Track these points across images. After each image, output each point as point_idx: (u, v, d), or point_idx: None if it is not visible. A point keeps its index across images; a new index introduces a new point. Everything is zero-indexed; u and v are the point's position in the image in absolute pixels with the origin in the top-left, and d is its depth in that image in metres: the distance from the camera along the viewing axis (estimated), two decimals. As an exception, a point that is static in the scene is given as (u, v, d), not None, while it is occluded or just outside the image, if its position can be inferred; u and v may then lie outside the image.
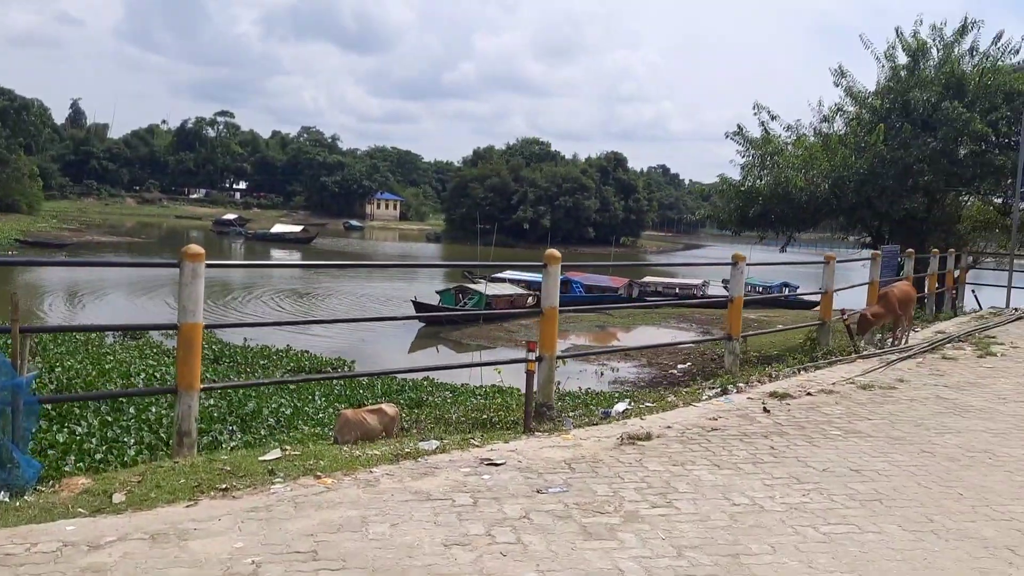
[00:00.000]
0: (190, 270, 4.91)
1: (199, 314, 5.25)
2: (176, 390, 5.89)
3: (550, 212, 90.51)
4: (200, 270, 4.99)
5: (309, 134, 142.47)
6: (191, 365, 5.61)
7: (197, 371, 5.68)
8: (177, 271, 4.87)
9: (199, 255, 4.99)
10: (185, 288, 5.01)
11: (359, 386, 16.83)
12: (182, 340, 5.56)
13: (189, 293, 5.00)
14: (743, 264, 8.73)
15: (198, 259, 4.95)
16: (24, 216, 78.90)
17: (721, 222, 19.05)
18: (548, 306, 7.35)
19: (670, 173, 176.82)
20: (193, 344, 5.47)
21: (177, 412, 5.95)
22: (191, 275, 4.94)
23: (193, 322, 5.21)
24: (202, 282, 5.08)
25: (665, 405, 7.79)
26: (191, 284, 4.97)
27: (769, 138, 17.93)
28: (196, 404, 5.86)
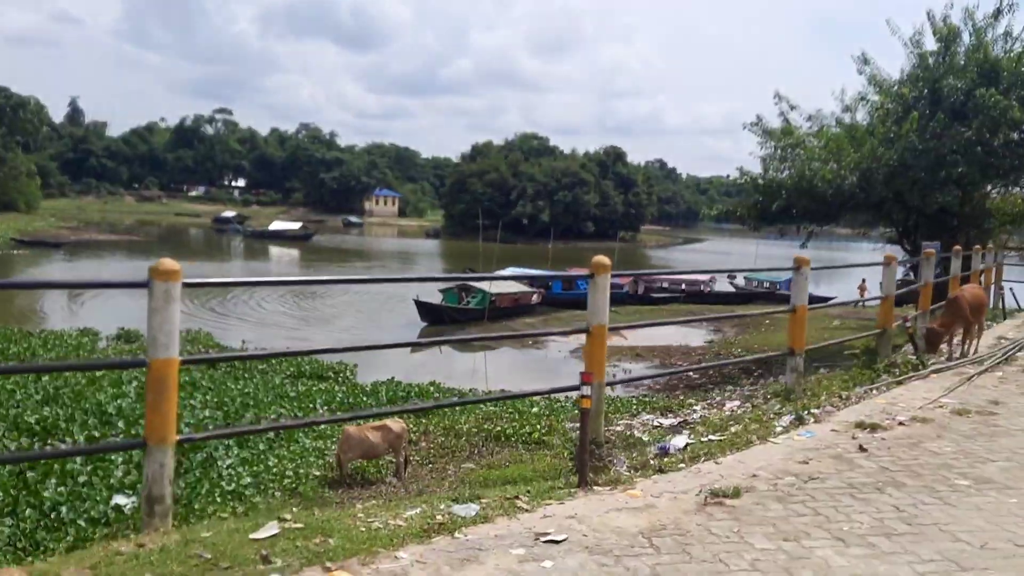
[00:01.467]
0: (162, 292, 3.83)
1: (174, 347, 4.05)
2: (144, 444, 4.46)
3: (549, 207, 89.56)
4: (175, 291, 3.89)
5: (307, 131, 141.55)
6: (164, 412, 4.28)
7: (172, 420, 4.37)
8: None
9: (173, 272, 3.87)
10: (156, 315, 3.87)
11: (362, 392, 16.04)
12: (152, 381, 4.25)
13: (161, 321, 3.88)
14: (807, 269, 7.55)
15: (172, 278, 3.85)
16: (22, 215, 78.04)
17: (739, 218, 18.22)
18: (596, 324, 6.01)
19: (667, 167, 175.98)
20: (167, 386, 4.19)
21: (146, 473, 4.44)
22: (164, 298, 3.82)
23: (166, 357, 4.03)
24: (178, 307, 3.95)
25: (735, 440, 6.60)
26: (164, 309, 3.84)
27: (790, 129, 17.07)
28: (171, 462, 4.50)
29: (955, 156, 15.06)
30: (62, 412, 12.70)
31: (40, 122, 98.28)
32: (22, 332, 21.30)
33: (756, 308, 31.40)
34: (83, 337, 21.56)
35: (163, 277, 3.88)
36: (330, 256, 64.01)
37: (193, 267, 48.49)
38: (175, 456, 11.23)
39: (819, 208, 16.65)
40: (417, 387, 16.81)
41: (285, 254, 65.76)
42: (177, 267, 3.93)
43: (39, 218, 78.59)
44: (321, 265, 55.44)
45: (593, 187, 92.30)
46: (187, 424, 12.15)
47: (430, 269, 60.89)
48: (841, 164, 15.32)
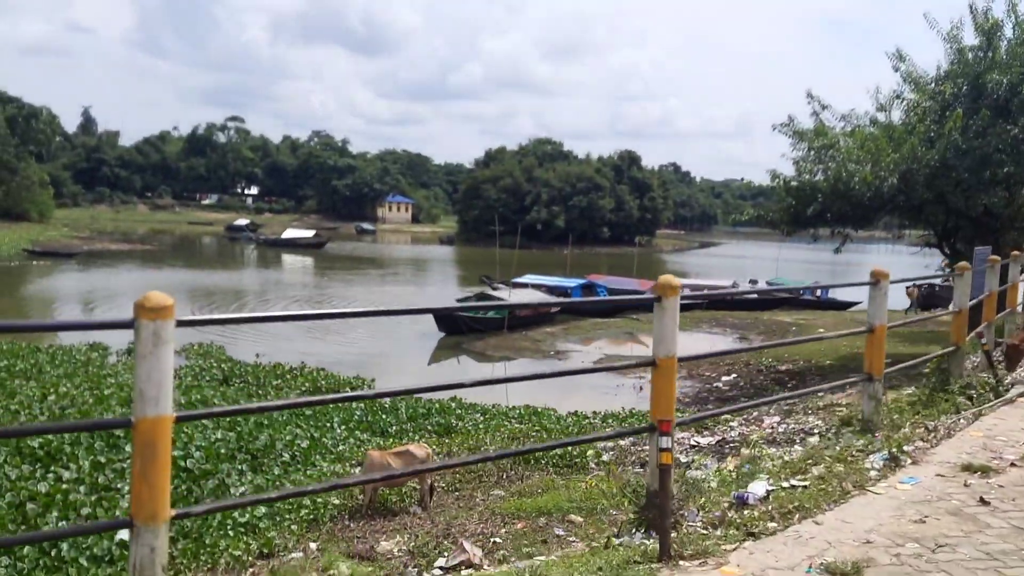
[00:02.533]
0: (151, 333, 3.01)
1: (167, 401, 3.13)
2: (131, 523, 3.39)
3: (564, 212, 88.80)
4: (167, 332, 3.06)
5: (320, 138, 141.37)
6: (155, 483, 3.28)
7: (165, 492, 3.35)
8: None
9: (163, 309, 3.04)
10: (144, 362, 3.05)
11: (381, 409, 15.39)
12: (140, 445, 3.25)
13: (150, 369, 3.05)
14: (886, 283, 6.62)
15: (163, 315, 3.02)
16: (35, 225, 77.99)
17: (771, 222, 17.47)
18: (664, 355, 4.82)
19: (681, 170, 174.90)
20: (158, 450, 3.22)
21: (133, 557, 3.37)
22: (153, 341, 3.01)
23: (156, 415, 3.11)
24: (171, 351, 3.12)
25: (825, 488, 5.55)
26: (153, 355, 3.02)
27: (823, 129, 16.32)
28: (164, 544, 3.46)
29: (1000, 155, 14.29)
30: (67, 435, 12.12)
31: (53, 132, 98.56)
32: (30, 347, 20.77)
33: (786, 314, 30.62)
34: (92, 352, 21.03)
35: (152, 315, 3.02)
36: (344, 264, 63.50)
37: (205, 276, 48.03)
38: (188, 484, 10.59)
39: (855, 211, 15.88)
40: (438, 404, 16.14)
41: (298, 262, 65.33)
42: (168, 302, 3.08)
43: (52, 228, 78.51)
44: (335, 273, 54.94)
45: (608, 192, 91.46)
46: (198, 448, 11.54)
47: (445, 276, 60.31)
48: (880, 165, 14.55)
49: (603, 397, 17.74)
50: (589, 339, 27.35)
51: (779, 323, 27.79)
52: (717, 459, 10.58)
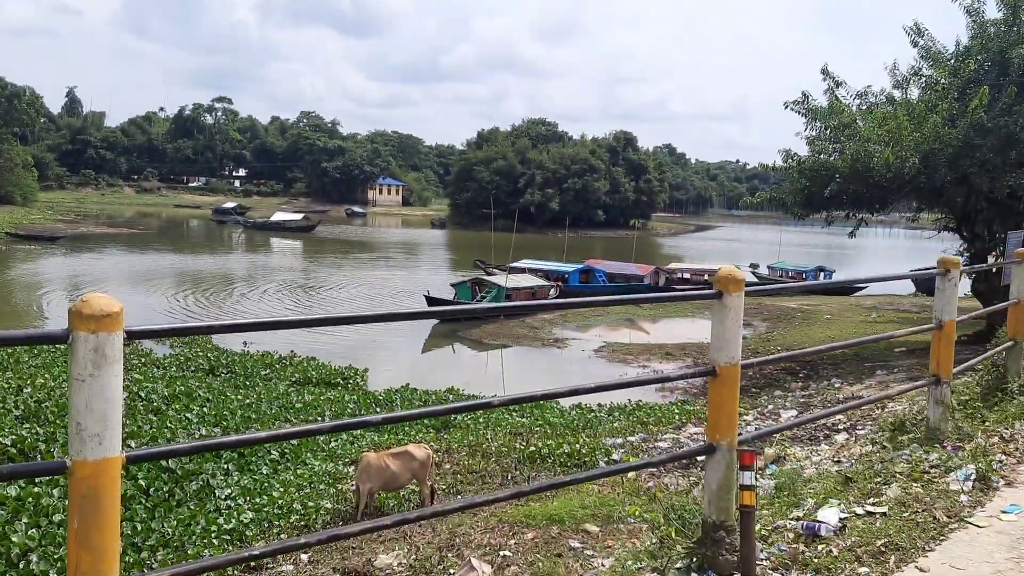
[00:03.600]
0: (90, 349, 2.19)
1: (114, 439, 2.28)
2: None
3: (558, 195, 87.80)
4: (114, 348, 2.22)
5: (309, 119, 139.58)
6: (99, 546, 2.31)
7: (114, 559, 2.34)
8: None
9: (108, 318, 2.21)
10: (83, 387, 2.19)
11: (375, 402, 14.65)
12: (78, 497, 2.32)
13: (90, 398, 2.19)
14: (956, 272, 5.63)
15: (107, 325, 2.19)
16: (18, 208, 76.63)
17: (784, 204, 16.72)
18: (727, 362, 3.90)
19: (676, 152, 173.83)
20: (101, 503, 2.30)
21: None
22: (94, 360, 2.19)
23: (100, 457, 2.24)
24: (118, 371, 2.26)
25: (914, 519, 4.54)
26: (95, 378, 2.19)
27: (840, 107, 15.54)
28: None
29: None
30: (42, 431, 11.35)
31: (37, 113, 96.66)
32: (8, 335, 19.91)
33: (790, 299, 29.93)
34: (68, 342, 20.18)
35: (92, 325, 2.19)
36: (334, 248, 62.54)
37: (192, 260, 47.05)
38: (170, 485, 9.81)
39: (873, 193, 15.14)
40: (434, 394, 15.42)
41: (287, 246, 64.33)
42: (114, 307, 2.26)
43: (36, 211, 77.20)
44: (324, 257, 54.02)
45: (603, 174, 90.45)
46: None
47: (437, 260, 59.46)
48: (901, 145, 13.80)
49: (608, 388, 17.01)
50: (587, 326, 26.63)
51: (784, 309, 27.15)
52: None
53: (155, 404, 13.52)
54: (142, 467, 9.83)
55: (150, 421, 12.46)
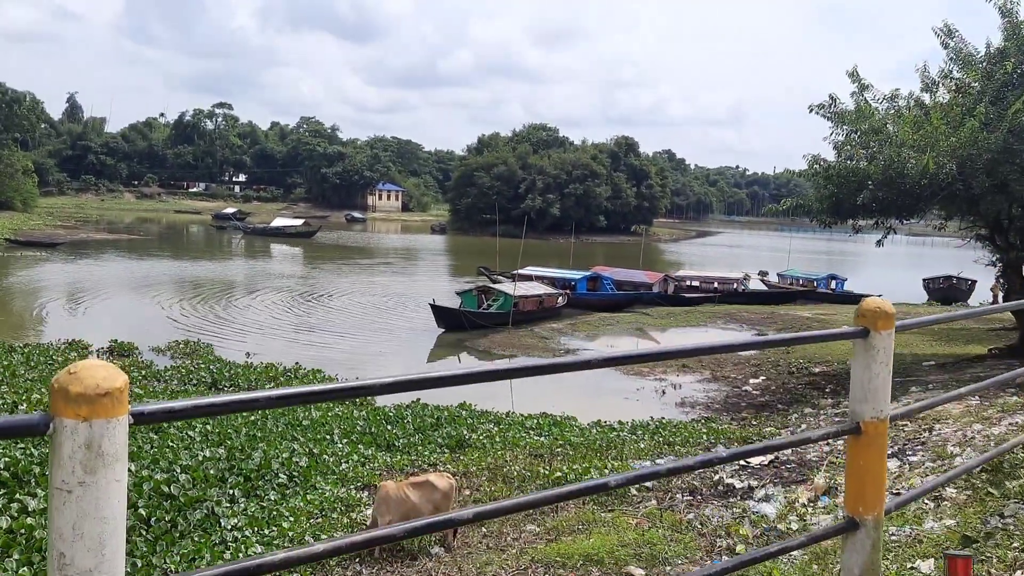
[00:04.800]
0: (81, 442, 1.52)
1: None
2: None
3: (559, 200, 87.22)
4: (116, 440, 1.55)
5: (309, 125, 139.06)
6: None
7: None
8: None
9: (109, 397, 1.53)
10: (67, 504, 1.51)
11: (386, 419, 14.03)
12: None
13: (80, 517, 1.51)
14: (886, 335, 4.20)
15: (107, 410, 1.52)
16: (18, 213, 75.99)
17: (811, 212, 16.13)
18: (874, 417, 3.15)
19: (676, 158, 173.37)
20: None
21: None
22: (86, 462, 1.52)
23: None
24: (122, 474, 1.61)
25: None
26: (89, 488, 1.51)
27: (869, 111, 14.95)
28: None
29: (1068, 139, 13.01)
30: (36, 453, 10.73)
31: (37, 118, 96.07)
32: (5, 347, 19.31)
33: (803, 308, 29.28)
34: (71, 352, 19.57)
35: (84, 411, 1.53)
36: (334, 254, 61.92)
37: (192, 266, 46.43)
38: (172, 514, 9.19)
39: (904, 200, 14.55)
40: (447, 411, 14.79)
41: (287, 252, 63.70)
42: (116, 383, 1.63)
43: (36, 217, 76.60)
44: (324, 263, 53.39)
45: (605, 179, 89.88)
46: (183, 469, 10.17)
47: (439, 266, 58.85)
48: (938, 150, 13.21)
49: (624, 403, 16.40)
50: (597, 335, 26.02)
51: (797, 318, 26.54)
52: (781, 485, 9.27)
53: (156, 422, 12.90)
54: (142, 493, 9.23)
55: (151, 440, 11.85)
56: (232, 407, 2.00)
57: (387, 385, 2.11)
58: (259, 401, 1.90)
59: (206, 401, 1.80)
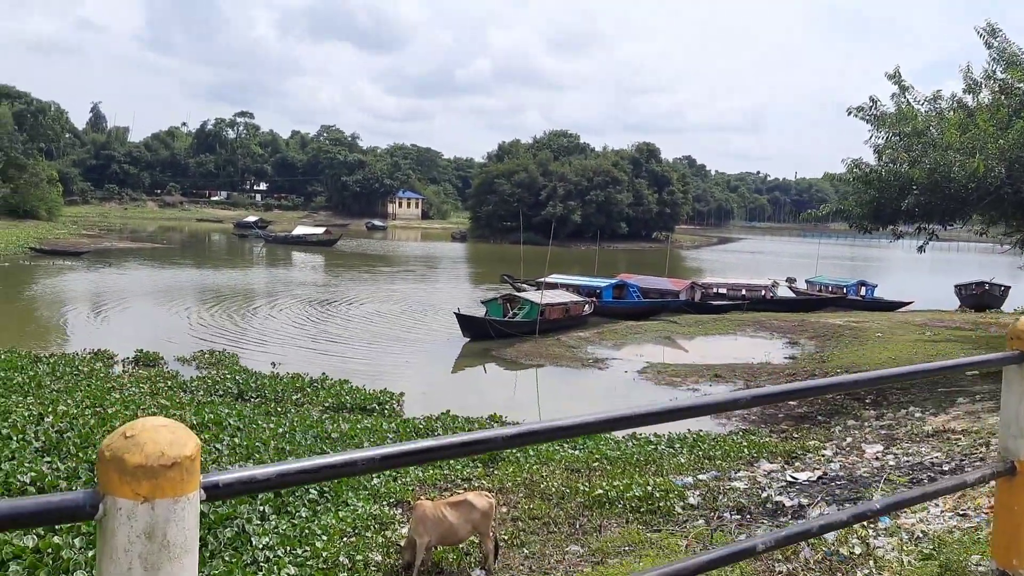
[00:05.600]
0: (141, 528, 1.16)
1: None
2: None
3: (581, 207, 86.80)
4: (185, 529, 1.31)
5: (329, 133, 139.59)
6: None
7: None
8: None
9: (177, 468, 1.20)
10: None
11: (415, 431, 13.71)
12: None
13: None
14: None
15: (174, 486, 1.21)
16: (43, 222, 76.61)
17: (850, 217, 15.68)
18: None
19: (696, 164, 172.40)
20: None
21: None
22: (146, 555, 1.16)
23: None
24: (193, 567, 1.37)
25: None
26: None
27: (911, 113, 14.50)
28: None
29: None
30: (63, 466, 10.51)
31: (62, 128, 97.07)
32: (31, 356, 19.19)
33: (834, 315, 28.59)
34: (96, 362, 19.42)
35: (145, 488, 1.18)
36: (354, 262, 61.82)
37: (214, 274, 46.47)
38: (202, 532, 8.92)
39: (948, 205, 14.08)
40: (476, 421, 14.46)
41: (308, 260, 63.68)
42: (187, 449, 1.32)
43: (60, 226, 77.14)
44: (345, 272, 53.30)
45: (626, 186, 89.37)
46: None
47: (460, 274, 58.60)
48: (986, 153, 12.75)
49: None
50: (624, 344, 25.60)
51: (829, 326, 25.97)
52: (834, 504, 8.86)
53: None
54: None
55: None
56: (325, 473, 1.67)
57: (512, 437, 1.77)
58: (357, 464, 1.58)
59: (295, 467, 1.49)
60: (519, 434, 1.77)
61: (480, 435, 1.72)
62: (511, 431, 1.76)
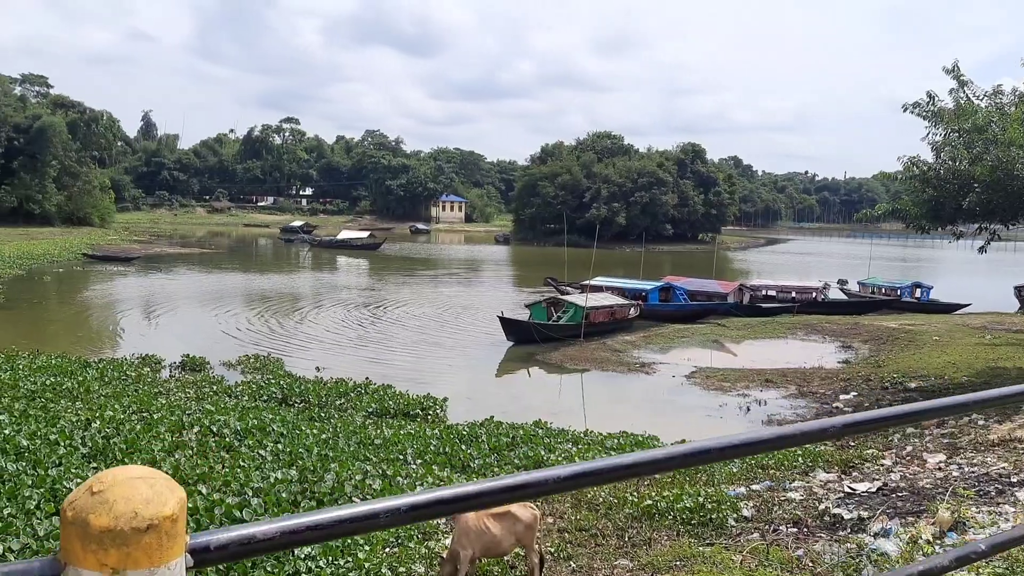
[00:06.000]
0: None
1: None
2: None
3: (625, 209, 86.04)
4: None
5: (373, 138, 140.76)
6: None
7: None
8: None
9: (152, 531, 0.90)
10: None
11: (459, 438, 13.50)
12: None
13: None
14: None
15: (152, 554, 0.94)
16: (96, 229, 78.33)
17: (908, 217, 15.11)
18: None
19: (743, 164, 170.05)
20: None
21: None
22: None
23: None
24: None
25: None
26: None
27: (972, 109, 13.91)
28: None
29: None
30: None
31: (114, 136, 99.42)
32: (80, 361, 19.45)
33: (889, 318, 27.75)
34: (144, 367, 19.61)
35: (112, 557, 0.92)
36: (398, 265, 62.07)
37: (261, 279, 46.94)
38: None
39: (1013, 203, 13.46)
40: (521, 428, 14.21)
41: (353, 264, 64.12)
42: (166, 508, 0.97)
43: (112, 232, 78.80)
44: (389, 275, 53.50)
45: (671, 187, 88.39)
46: (255, 493, 9.81)
47: (503, 277, 58.42)
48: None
49: (707, 420, 15.59)
50: (671, 348, 25.14)
51: (884, 329, 25.20)
52: (897, 518, 8.43)
53: (227, 440, 12.67)
54: (214, 519, 8.89)
55: (222, 459, 11.58)
56: (341, 529, 1.41)
57: (567, 479, 1.52)
58: (380, 517, 1.34)
59: (304, 522, 1.26)
60: (575, 475, 1.51)
61: (528, 477, 1.46)
62: (565, 471, 1.50)
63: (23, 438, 11.64)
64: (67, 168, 75.97)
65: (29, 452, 10.98)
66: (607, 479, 1.61)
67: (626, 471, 1.66)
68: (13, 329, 27.55)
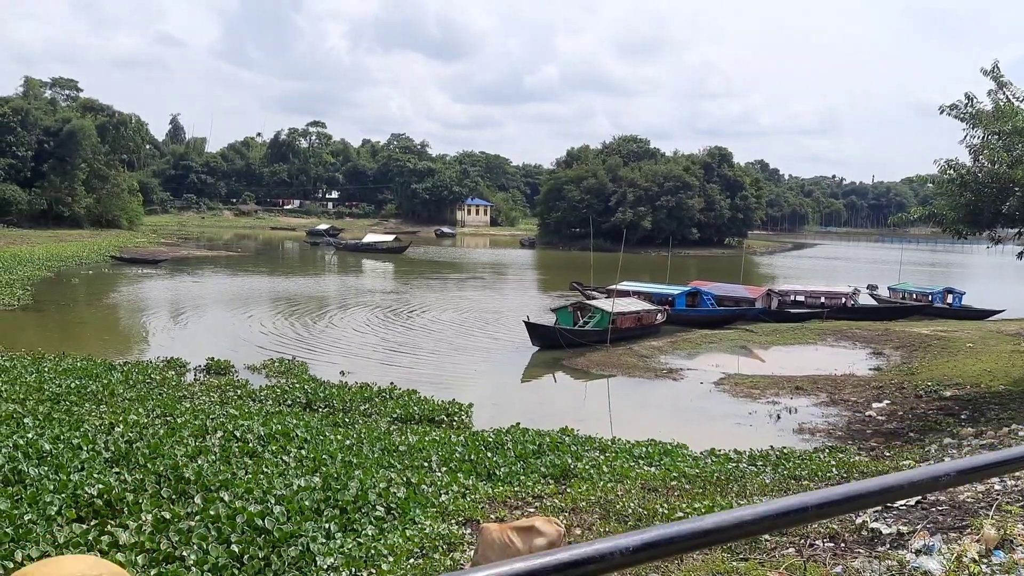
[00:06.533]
0: None
1: None
2: None
3: (651, 213, 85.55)
4: None
5: (399, 141, 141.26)
6: None
7: None
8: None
9: None
10: None
11: (485, 445, 13.31)
12: None
13: None
14: None
15: None
16: (124, 232, 79.21)
17: (944, 221, 14.72)
18: None
19: (769, 168, 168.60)
20: None
21: None
22: None
23: None
24: None
25: None
26: None
27: (1013, 110, 13.51)
28: None
29: None
30: (131, 478, 10.44)
31: (142, 140, 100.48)
32: (106, 364, 19.51)
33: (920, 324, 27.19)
34: (168, 370, 19.63)
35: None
36: (424, 268, 62.09)
37: (287, 282, 47.07)
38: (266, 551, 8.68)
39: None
40: (548, 437, 13.97)
41: (379, 267, 64.24)
42: None
43: (140, 235, 79.62)
44: (414, 279, 53.48)
45: (698, 191, 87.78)
46: (277, 500, 9.69)
47: (528, 281, 58.24)
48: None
49: (736, 428, 15.28)
50: (698, 353, 24.80)
51: (916, 335, 24.70)
52: (939, 533, 8.11)
53: (250, 445, 12.58)
54: (236, 527, 8.78)
55: (245, 465, 11.48)
56: None
57: (638, 549, 1.27)
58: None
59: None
60: (647, 544, 1.26)
61: (589, 550, 1.21)
62: (635, 541, 1.25)
63: (46, 442, 11.62)
64: (96, 171, 76.90)
65: (52, 456, 10.96)
66: (688, 546, 1.35)
67: (704, 538, 1.40)
68: (41, 331, 27.77)
